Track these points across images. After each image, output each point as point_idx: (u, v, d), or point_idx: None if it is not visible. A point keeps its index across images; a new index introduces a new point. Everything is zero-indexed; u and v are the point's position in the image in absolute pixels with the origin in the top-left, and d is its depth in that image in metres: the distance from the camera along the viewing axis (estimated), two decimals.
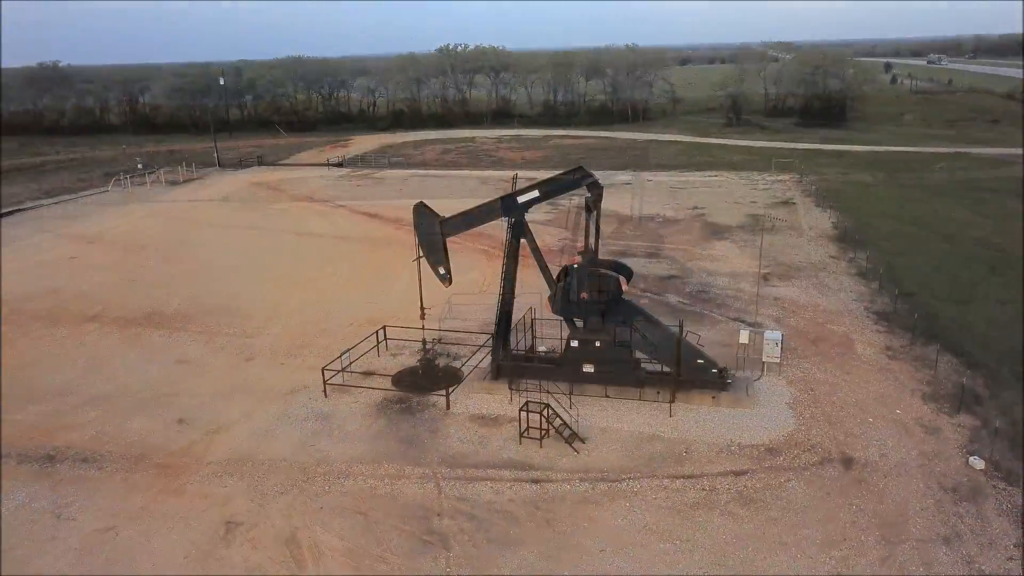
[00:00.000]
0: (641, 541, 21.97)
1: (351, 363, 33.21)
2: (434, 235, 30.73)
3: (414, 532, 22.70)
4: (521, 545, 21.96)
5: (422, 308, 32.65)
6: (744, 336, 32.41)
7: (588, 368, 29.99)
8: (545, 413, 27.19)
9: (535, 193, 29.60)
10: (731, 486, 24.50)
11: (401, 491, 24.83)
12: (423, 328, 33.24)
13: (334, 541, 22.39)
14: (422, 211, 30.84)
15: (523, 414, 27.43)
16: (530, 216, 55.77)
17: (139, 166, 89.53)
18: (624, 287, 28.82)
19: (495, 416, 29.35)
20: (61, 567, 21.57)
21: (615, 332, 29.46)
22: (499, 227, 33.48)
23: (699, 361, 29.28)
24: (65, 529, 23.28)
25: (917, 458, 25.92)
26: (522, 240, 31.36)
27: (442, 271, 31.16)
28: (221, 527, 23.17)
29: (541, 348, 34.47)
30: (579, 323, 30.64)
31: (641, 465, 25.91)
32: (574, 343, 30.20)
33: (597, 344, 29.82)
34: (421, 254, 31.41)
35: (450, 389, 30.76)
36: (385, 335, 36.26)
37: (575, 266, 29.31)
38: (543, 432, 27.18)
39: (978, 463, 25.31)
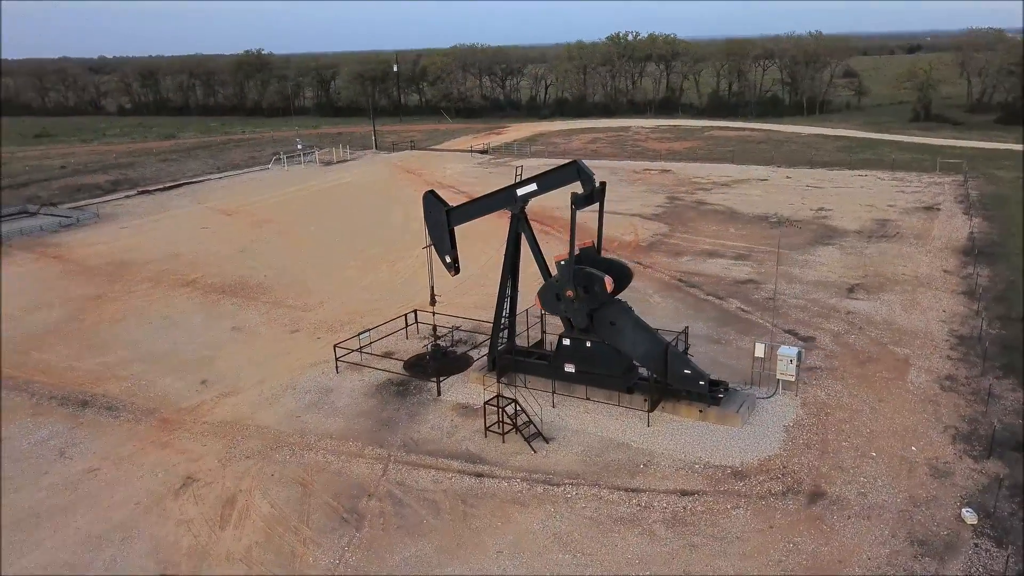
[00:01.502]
0: (542, 549, 21.37)
1: (371, 343, 34.51)
2: (440, 224, 31.15)
3: (338, 509, 23.51)
4: (426, 536, 22.11)
5: (432, 294, 33.31)
6: (759, 350, 30.11)
7: (569, 368, 29.26)
8: (509, 409, 26.94)
9: (533, 186, 29.12)
10: (669, 505, 23.10)
11: (351, 469, 25.72)
12: (433, 313, 33.88)
13: (265, 507, 23.71)
14: (430, 199, 31.35)
15: (489, 408, 27.37)
16: (639, 208, 55.01)
17: (298, 146, 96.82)
18: (609, 288, 27.64)
19: (478, 407, 29.40)
20: (38, 498, 24.53)
21: (605, 333, 28.49)
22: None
23: (686, 372, 27.60)
24: (59, 466, 26.41)
25: (902, 502, 23.04)
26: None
27: (448, 259, 31.55)
28: (180, 481, 25.25)
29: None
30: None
31: (591, 472, 25.04)
32: (566, 341, 29.52)
33: (588, 344, 28.97)
34: (430, 242, 31.97)
35: (441, 377, 31.22)
36: (416, 319, 37.25)
37: (562, 263, 28.52)
38: (505, 428, 26.96)
39: (971, 517, 22.07)
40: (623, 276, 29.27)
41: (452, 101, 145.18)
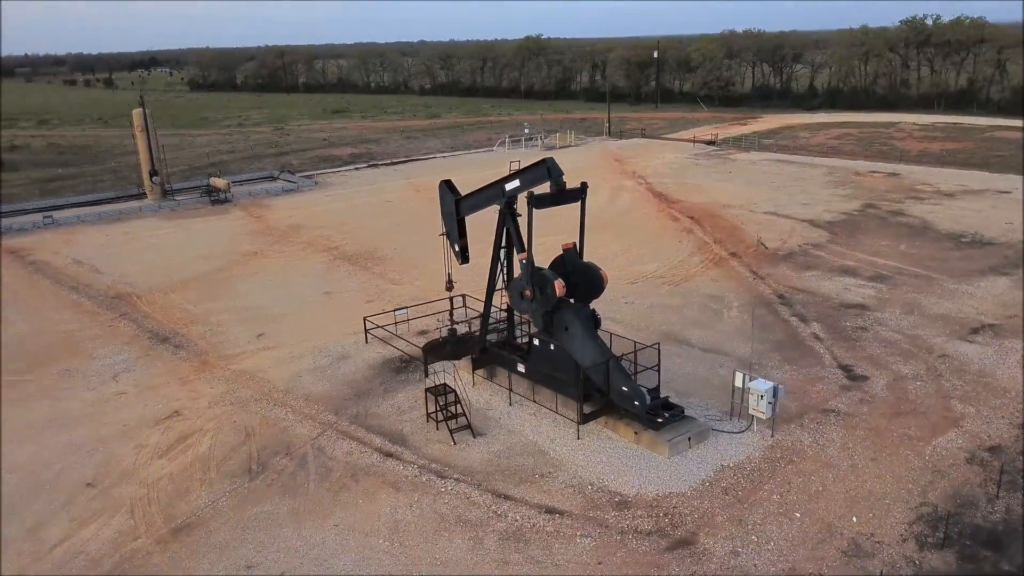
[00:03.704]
0: (371, 532, 22.09)
1: (407, 320, 36.68)
2: (450, 214, 32.19)
3: (254, 459, 26.16)
4: (293, 498, 23.88)
5: (448, 280, 34.51)
6: (739, 379, 27.14)
7: (520, 368, 28.85)
8: (441, 399, 27.58)
9: (517, 182, 28.98)
10: (523, 519, 22.41)
11: (294, 428, 28.24)
12: (451, 299, 35.06)
13: (204, 447, 27.13)
14: (444, 189, 32.50)
15: (428, 395, 28.23)
16: (818, 213, 52.02)
17: (525, 130, 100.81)
18: (559, 291, 26.68)
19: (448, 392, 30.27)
20: (69, 408, 30.36)
21: (560, 337, 27.73)
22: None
23: (623, 389, 25.91)
24: (104, 387, 32.30)
25: (774, 572, 20.05)
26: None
27: (457, 248, 32.55)
28: (168, 413, 29.68)
29: None
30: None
31: (486, 472, 24.95)
32: (536, 342, 29.13)
33: (551, 347, 28.37)
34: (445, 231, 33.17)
35: (430, 361, 32.44)
36: (464, 303, 38.60)
37: (523, 261, 28.01)
38: (439, 416, 27.64)
39: None
40: (592, 282, 28.10)
41: (713, 89, 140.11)
